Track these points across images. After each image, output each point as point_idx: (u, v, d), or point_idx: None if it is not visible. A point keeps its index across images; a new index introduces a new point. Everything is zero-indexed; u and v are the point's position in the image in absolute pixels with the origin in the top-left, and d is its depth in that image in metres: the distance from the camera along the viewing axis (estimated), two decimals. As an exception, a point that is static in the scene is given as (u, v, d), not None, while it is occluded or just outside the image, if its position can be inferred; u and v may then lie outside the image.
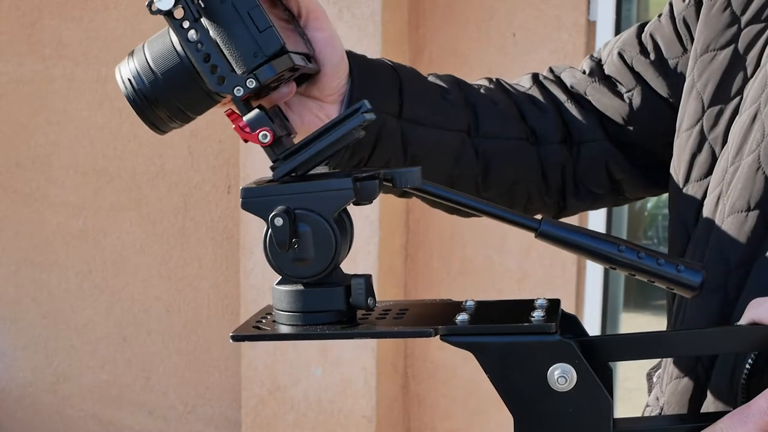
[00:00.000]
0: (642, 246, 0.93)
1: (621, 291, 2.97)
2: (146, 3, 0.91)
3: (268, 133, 0.91)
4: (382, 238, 2.86)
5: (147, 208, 3.40)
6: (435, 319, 0.88)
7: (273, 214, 0.88)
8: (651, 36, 1.20)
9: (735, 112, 1.08)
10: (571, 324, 0.87)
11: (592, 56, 1.25)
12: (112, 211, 3.45)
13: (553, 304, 0.88)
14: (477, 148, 1.16)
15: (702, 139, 1.10)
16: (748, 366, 0.95)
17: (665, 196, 1.22)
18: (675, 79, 1.18)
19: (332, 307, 0.91)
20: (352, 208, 0.94)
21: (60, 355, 3.61)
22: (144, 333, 3.47)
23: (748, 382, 0.97)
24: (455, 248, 2.96)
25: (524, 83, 1.23)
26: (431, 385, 3.08)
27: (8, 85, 3.54)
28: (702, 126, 1.10)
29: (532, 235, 0.96)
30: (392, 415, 3.05)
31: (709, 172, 1.09)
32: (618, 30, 2.83)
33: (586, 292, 2.86)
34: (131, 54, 0.94)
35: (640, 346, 0.89)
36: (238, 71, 0.90)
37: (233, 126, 0.91)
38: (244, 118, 0.91)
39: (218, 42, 0.90)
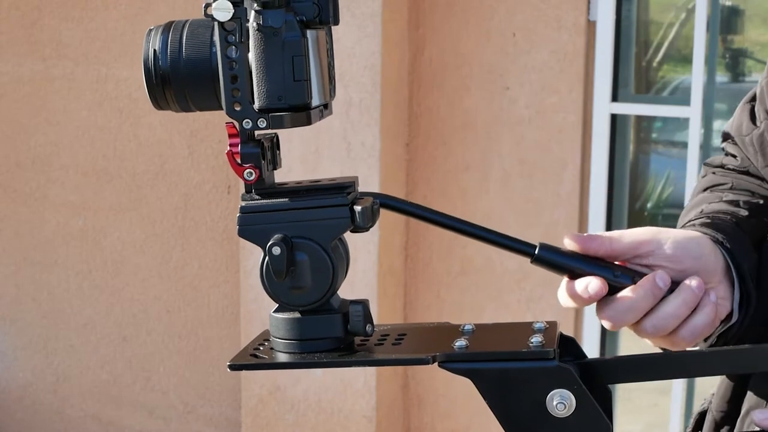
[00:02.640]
0: (637, 270, 0.93)
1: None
2: (204, 4, 0.88)
3: (253, 172, 0.89)
4: (382, 238, 2.86)
5: (147, 208, 3.40)
6: (433, 344, 0.88)
7: (271, 243, 0.87)
8: None
9: None
10: (570, 346, 0.87)
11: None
12: (112, 211, 3.45)
13: (551, 328, 0.87)
14: None
15: None
16: None
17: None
18: None
19: (330, 334, 0.90)
20: None
21: (60, 355, 3.61)
22: (144, 333, 3.47)
23: None
24: (455, 248, 2.96)
25: (731, 165, 1.21)
26: (431, 385, 3.08)
27: (8, 85, 3.54)
28: None
29: (532, 234, 0.97)
30: (392, 415, 3.05)
31: None
32: (618, 30, 2.83)
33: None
34: (170, 26, 0.90)
35: (639, 368, 0.89)
36: (256, 106, 0.88)
37: (229, 142, 0.90)
38: (240, 149, 0.89)
39: (252, 69, 0.88)
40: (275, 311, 0.91)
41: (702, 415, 1.20)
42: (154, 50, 0.89)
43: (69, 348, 3.60)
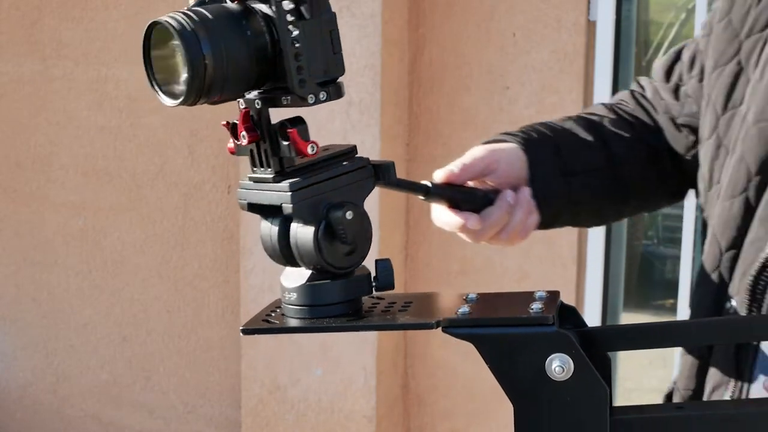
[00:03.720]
0: (489, 190, 1.19)
1: (621, 291, 2.97)
2: None
3: (315, 146, 0.93)
4: (382, 238, 2.86)
5: (147, 208, 3.40)
6: (438, 311, 0.90)
7: (338, 211, 0.91)
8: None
9: (741, 118, 1.21)
10: (571, 315, 0.89)
11: (667, 77, 1.39)
12: (112, 211, 3.45)
13: (553, 296, 0.89)
14: (615, 178, 1.33)
15: (718, 146, 1.22)
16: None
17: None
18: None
19: (339, 299, 0.93)
20: None
21: (60, 355, 3.61)
22: (144, 333, 3.47)
23: (737, 353, 1.12)
24: (455, 248, 2.96)
25: (628, 102, 1.40)
26: (431, 385, 3.08)
27: (8, 85, 3.54)
28: (717, 134, 1.23)
29: (532, 234, 1.04)
30: (392, 415, 3.05)
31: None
32: (618, 30, 2.83)
33: (586, 292, 2.86)
34: (204, 23, 0.88)
35: (635, 336, 0.93)
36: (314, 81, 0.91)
37: (243, 132, 0.91)
38: (298, 131, 0.92)
39: (299, 47, 0.90)
40: (308, 280, 0.94)
41: (669, 397, 1.27)
42: (204, 57, 0.88)
43: (69, 348, 3.59)
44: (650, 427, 0.87)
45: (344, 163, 0.96)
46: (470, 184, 1.23)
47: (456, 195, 1.19)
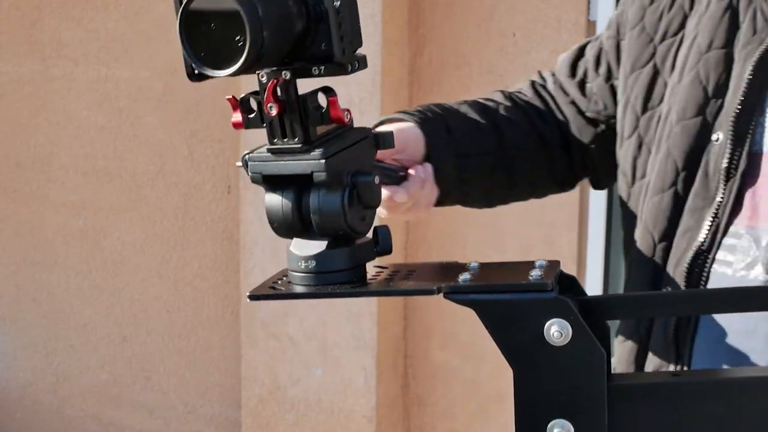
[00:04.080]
0: (401, 166, 1.23)
1: (621, 290, 2.96)
2: None
3: (349, 114, 0.96)
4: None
5: (147, 208, 3.40)
6: (440, 279, 0.93)
7: (364, 177, 0.95)
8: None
9: (661, 116, 1.30)
10: (571, 284, 0.92)
11: (570, 71, 1.48)
12: (112, 211, 3.45)
13: (553, 265, 0.92)
14: (504, 162, 1.39)
15: (640, 144, 1.32)
16: (674, 320, 1.19)
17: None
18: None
19: (345, 266, 0.96)
20: None
21: (60, 355, 3.61)
22: (144, 333, 3.47)
23: (676, 335, 1.20)
24: (455, 248, 2.96)
25: (526, 92, 1.47)
26: (431, 385, 3.08)
27: (8, 85, 3.54)
28: (639, 133, 1.32)
29: (531, 234, 1.05)
30: (392, 415, 3.05)
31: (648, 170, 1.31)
32: (618, 30, 2.83)
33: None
34: None
35: (634, 305, 0.95)
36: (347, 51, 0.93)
37: (271, 103, 0.93)
38: (338, 101, 0.95)
39: (346, 18, 0.93)
40: (329, 247, 0.96)
41: None
42: (263, 27, 0.88)
43: (69, 348, 3.59)
44: (647, 392, 0.88)
45: (353, 133, 0.99)
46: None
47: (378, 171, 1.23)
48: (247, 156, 0.99)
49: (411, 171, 1.27)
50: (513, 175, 1.40)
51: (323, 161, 0.93)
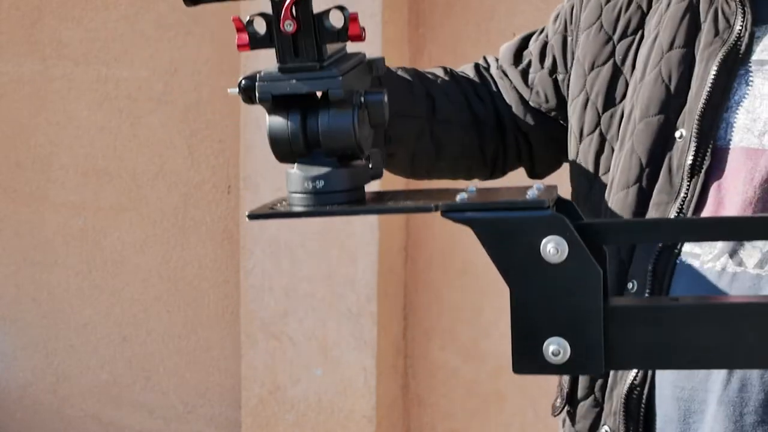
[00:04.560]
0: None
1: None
2: None
3: (365, 30, 0.98)
4: (382, 238, 2.86)
5: (147, 208, 3.39)
6: (437, 199, 0.93)
7: (375, 94, 0.96)
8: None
9: (623, 114, 1.33)
10: (568, 209, 0.91)
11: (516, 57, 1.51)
12: (112, 211, 3.45)
13: (550, 188, 0.92)
14: (433, 131, 1.41)
15: (602, 140, 1.35)
16: (653, 258, 1.23)
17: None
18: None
19: (346, 187, 0.96)
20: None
21: (60, 355, 3.61)
22: (144, 333, 3.47)
23: (653, 274, 1.24)
24: (455, 248, 2.96)
25: (468, 72, 1.50)
26: (431, 385, 3.08)
27: (8, 85, 3.54)
28: (600, 130, 1.35)
29: None
30: (392, 415, 3.05)
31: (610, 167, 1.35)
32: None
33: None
34: None
35: (631, 230, 0.97)
36: None
37: (288, 21, 0.93)
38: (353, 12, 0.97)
39: None
40: (340, 166, 0.96)
41: (575, 376, 1.35)
42: None
43: (69, 348, 3.59)
44: (645, 315, 0.88)
45: (351, 56, 1.00)
46: None
47: None
48: (254, 76, 0.97)
49: None
50: (441, 146, 1.42)
51: (340, 78, 0.94)
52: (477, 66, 1.52)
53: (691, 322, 0.86)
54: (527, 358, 0.88)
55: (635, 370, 1.27)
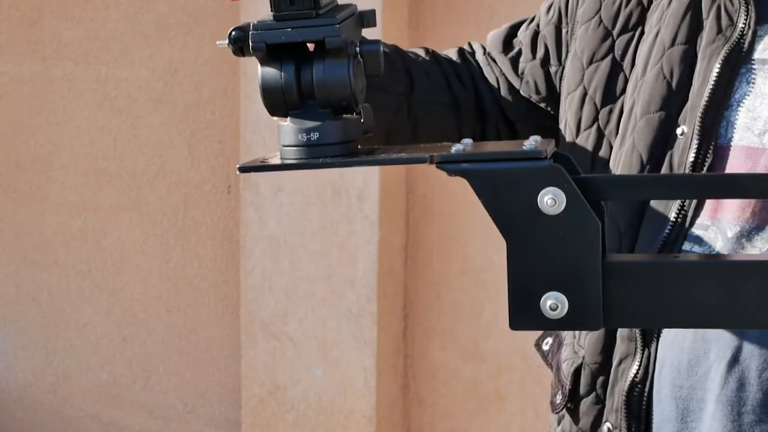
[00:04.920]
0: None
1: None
2: None
3: None
4: (382, 238, 2.86)
5: (147, 208, 3.39)
6: (432, 151, 0.91)
7: (367, 44, 0.95)
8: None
9: (622, 109, 1.33)
10: (565, 163, 0.89)
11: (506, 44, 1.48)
12: (112, 211, 3.45)
13: (547, 141, 0.90)
14: (410, 109, 1.40)
15: (600, 135, 1.34)
16: (662, 237, 1.23)
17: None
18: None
19: (340, 139, 0.95)
20: (351, 210, 0.97)
21: (60, 355, 3.61)
22: (144, 333, 3.47)
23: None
24: (455, 248, 2.96)
25: (452, 55, 1.48)
26: (431, 385, 3.08)
27: (8, 85, 3.54)
28: (598, 125, 1.35)
29: None
30: (392, 415, 3.05)
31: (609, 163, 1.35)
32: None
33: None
34: None
35: (628, 185, 0.94)
36: None
37: None
38: None
39: None
40: (333, 117, 0.95)
41: (578, 371, 1.35)
42: None
43: (69, 348, 3.59)
44: (644, 271, 0.87)
45: (343, 7, 0.98)
46: None
47: None
48: (245, 27, 0.95)
49: None
50: (417, 125, 1.41)
51: (338, 26, 0.92)
52: (461, 50, 1.50)
53: (690, 280, 0.85)
54: (525, 314, 0.86)
55: (636, 366, 1.27)
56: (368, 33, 1.00)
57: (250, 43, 0.94)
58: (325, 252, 2.92)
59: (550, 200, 0.84)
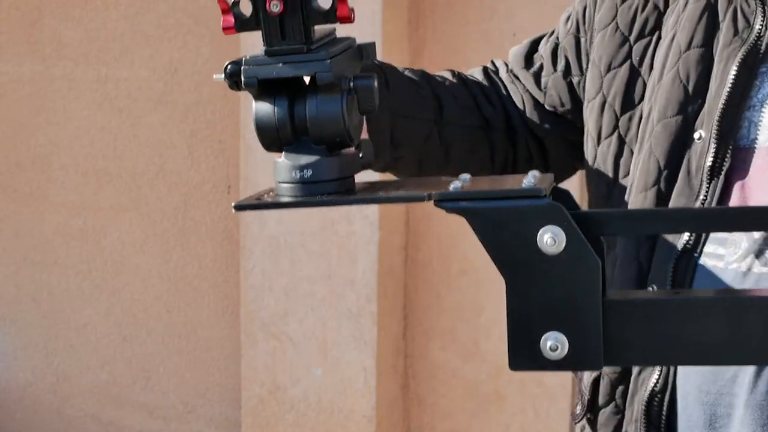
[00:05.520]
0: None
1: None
2: None
3: (353, 11, 0.93)
4: (382, 238, 2.86)
5: (147, 208, 3.39)
6: (430, 188, 0.89)
7: (368, 80, 0.92)
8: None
9: (642, 116, 1.32)
10: (565, 199, 0.88)
11: (527, 60, 1.48)
12: (112, 211, 3.45)
13: (546, 176, 0.89)
14: (441, 134, 1.38)
15: (621, 143, 1.33)
16: (674, 257, 1.21)
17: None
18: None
19: (336, 176, 0.93)
20: (351, 210, 0.96)
21: (60, 355, 3.61)
22: (144, 333, 3.47)
23: (674, 273, 1.22)
24: (455, 248, 2.96)
25: (477, 75, 1.48)
26: (431, 385, 3.08)
27: (8, 85, 3.54)
28: (619, 132, 1.33)
29: None
30: (392, 415, 3.05)
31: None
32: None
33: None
34: None
35: (629, 220, 0.93)
36: None
37: (274, 2, 0.90)
38: None
39: None
40: (328, 155, 0.92)
41: (597, 382, 1.33)
42: None
43: (69, 348, 3.59)
44: (645, 309, 0.85)
45: (340, 41, 0.96)
46: None
47: None
48: (240, 61, 0.94)
49: None
50: (449, 150, 1.39)
51: (328, 62, 0.90)
52: (485, 69, 1.49)
53: (691, 317, 0.84)
54: (524, 354, 0.84)
55: (656, 376, 1.25)
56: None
57: (242, 79, 0.93)
58: (325, 252, 2.92)
59: (550, 239, 0.83)
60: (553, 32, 1.47)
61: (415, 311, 3.05)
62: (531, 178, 0.87)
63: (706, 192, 1.23)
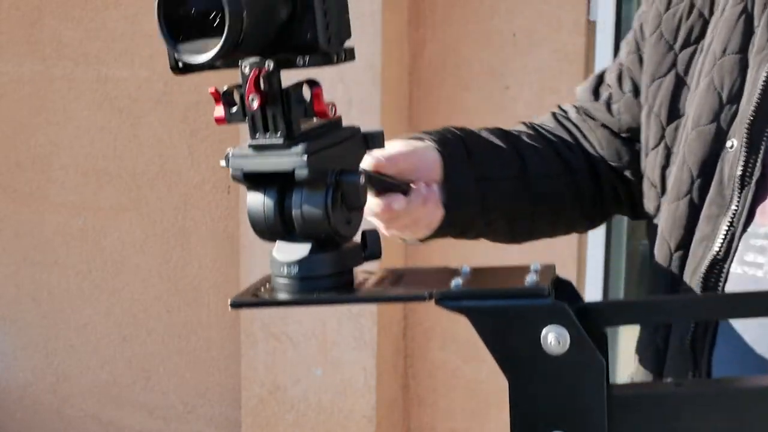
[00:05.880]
0: (404, 181, 1.15)
1: (621, 290, 2.97)
2: None
3: (334, 107, 0.91)
4: (382, 238, 2.86)
5: (147, 208, 3.40)
6: (430, 284, 0.88)
7: (353, 176, 0.90)
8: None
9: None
10: (566, 290, 0.87)
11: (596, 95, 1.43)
12: (112, 211, 3.45)
13: (548, 269, 0.87)
14: (527, 188, 1.35)
15: (668, 154, 1.29)
16: (691, 330, 1.17)
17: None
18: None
19: (331, 271, 0.91)
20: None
21: (60, 355, 3.61)
22: (144, 333, 3.47)
23: (693, 345, 1.18)
24: (455, 248, 2.96)
25: (549, 123, 1.43)
26: (431, 385, 3.08)
27: (8, 85, 3.54)
28: (666, 143, 1.29)
29: None
30: (392, 415, 3.05)
31: None
32: (618, 30, 2.83)
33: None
34: None
35: (633, 311, 0.91)
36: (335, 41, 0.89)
37: (252, 95, 0.88)
38: (322, 94, 0.90)
39: (332, 6, 0.89)
40: (312, 251, 0.90)
41: None
42: (243, 10, 0.85)
43: (69, 348, 3.60)
44: (648, 403, 0.84)
45: (339, 131, 0.94)
46: None
47: (380, 183, 1.18)
48: (230, 152, 0.93)
49: (413, 185, 1.23)
50: (537, 202, 1.36)
51: (305, 158, 0.88)
52: (555, 115, 1.45)
53: (695, 409, 0.83)
54: None
55: None
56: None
57: (230, 172, 0.92)
58: (325, 252, 2.92)
59: (554, 340, 0.82)
60: (615, 61, 1.43)
61: (415, 311, 3.05)
62: (533, 274, 0.85)
63: (738, 202, 1.18)
